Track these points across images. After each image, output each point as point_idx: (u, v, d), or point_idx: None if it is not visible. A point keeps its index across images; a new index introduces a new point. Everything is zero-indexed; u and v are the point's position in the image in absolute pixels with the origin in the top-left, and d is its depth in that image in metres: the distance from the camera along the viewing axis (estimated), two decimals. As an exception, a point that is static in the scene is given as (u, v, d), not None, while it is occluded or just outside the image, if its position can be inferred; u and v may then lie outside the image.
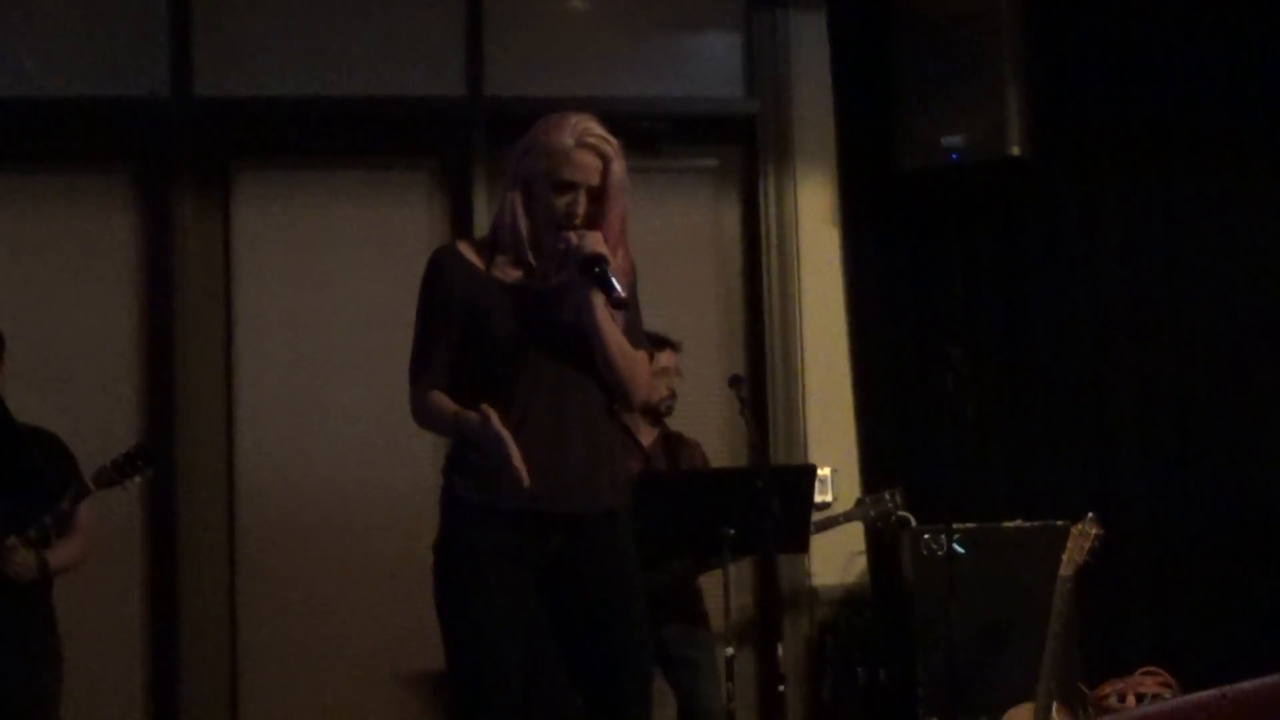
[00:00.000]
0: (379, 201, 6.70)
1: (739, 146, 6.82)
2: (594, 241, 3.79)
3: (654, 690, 4.14)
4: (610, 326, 3.87)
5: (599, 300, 3.81)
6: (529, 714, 4.07)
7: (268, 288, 6.61)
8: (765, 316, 6.72)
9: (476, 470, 3.88)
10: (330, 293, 6.65)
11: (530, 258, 3.90)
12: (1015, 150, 6.32)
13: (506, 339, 3.85)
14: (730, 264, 6.84)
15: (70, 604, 5.49)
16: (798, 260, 6.71)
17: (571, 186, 3.83)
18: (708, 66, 6.85)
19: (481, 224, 6.50)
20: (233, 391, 6.56)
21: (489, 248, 3.99)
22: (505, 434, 3.70)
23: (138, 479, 5.26)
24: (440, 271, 4.00)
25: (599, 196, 3.86)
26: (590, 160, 3.84)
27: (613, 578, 3.96)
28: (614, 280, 3.76)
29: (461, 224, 6.63)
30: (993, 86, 6.34)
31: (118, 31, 6.58)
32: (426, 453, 6.43)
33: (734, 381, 5.64)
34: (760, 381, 6.63)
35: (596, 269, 3.77)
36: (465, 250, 4.03)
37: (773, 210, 6.72)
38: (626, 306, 3.86)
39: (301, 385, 6.60)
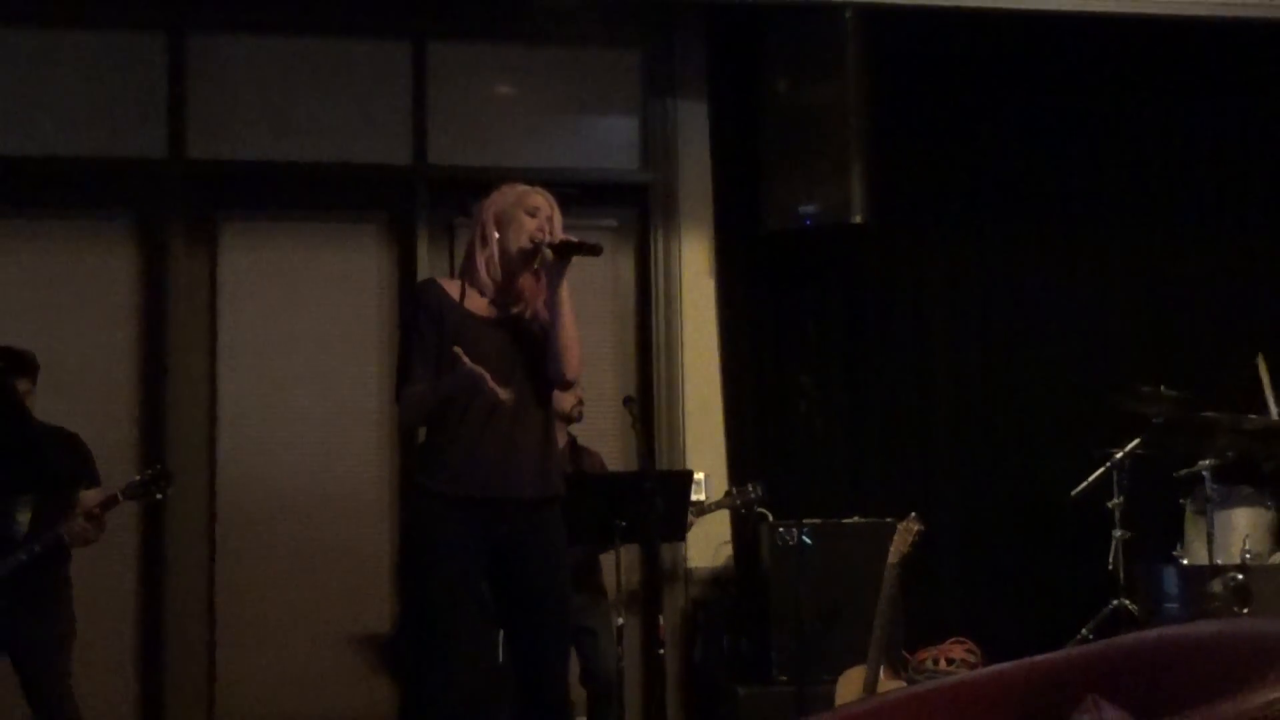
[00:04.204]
0: (338, 249, 6.91)
1: (634, 209, 7.13)
2: (559, 233, 4.18)
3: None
4: (569, 303, 4.13)
5: (564, 282, 4.12)
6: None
7: (246, 318, 6.82)
8: (653, 348, 7.01)
9: (442, 466, 4.15)
10: (298, 323, 6.83)
11: (500, 276, 4.20)
12: (858, 218, 6.66)
13: (477, 360, 4.05)
14: (625, 305, 7.10)
15: (75, 578, 5.70)
16: (680, 303, 7.03)
17: (539, 210, 4.20)
18: (610, 143, 7.17)
19: (424, 270, 6.79)
20: (215, 403, 6.76)
21: (461, 285, 4.26)
22: (478, 368, 3.97)
23: (159, 496, 5.62)
24: (423, 300, 4.24)
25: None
26: (543, 200, 4.26)
27: (546, 561, 4.24)
28: (585, 241, 4.14)
29: (406, 269, 6.87)
30: (840, 164, 6.64)
31: (122, 100, 6.79)
32: (372, 453, 6.79)
33: (627, 402, 5.92)
34: (648, 400, 6.91)
35: (571, 244, 4.14)
36: (445, 284, 4.29)
37: (661, 262, 7.05)
38: (601, 252, 4.18)
39: (272, 398, 6.79)
